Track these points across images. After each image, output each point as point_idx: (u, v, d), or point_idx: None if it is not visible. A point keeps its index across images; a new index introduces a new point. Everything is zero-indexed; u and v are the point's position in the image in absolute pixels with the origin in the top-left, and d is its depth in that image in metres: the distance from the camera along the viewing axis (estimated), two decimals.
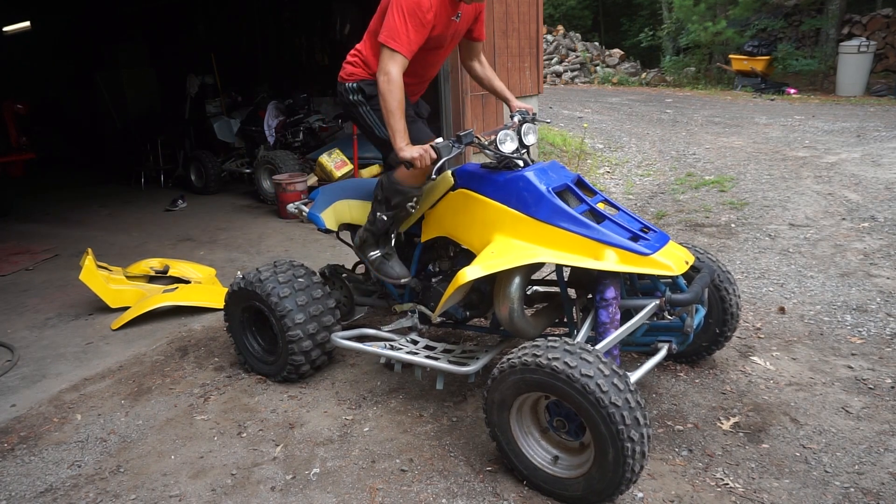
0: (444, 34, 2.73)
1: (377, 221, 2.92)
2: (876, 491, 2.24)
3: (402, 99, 2.53)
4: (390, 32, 2.51)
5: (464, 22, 2.81)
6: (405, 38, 2.50)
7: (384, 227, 2.94)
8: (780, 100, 12.36)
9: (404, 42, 2.50)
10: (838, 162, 6.88)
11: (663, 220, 5.62)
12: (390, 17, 2.52)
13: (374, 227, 2.95)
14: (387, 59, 2.51)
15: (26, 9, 10.71)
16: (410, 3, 2.49)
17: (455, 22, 2.75)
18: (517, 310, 2.53)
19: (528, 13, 7.37)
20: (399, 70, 2.51)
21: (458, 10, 2.72)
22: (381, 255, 3.01)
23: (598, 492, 2.12)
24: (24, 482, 2.55)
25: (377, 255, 3.01)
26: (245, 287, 3.10)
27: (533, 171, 2.56)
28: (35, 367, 3.56)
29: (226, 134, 8.11)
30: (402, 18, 2.49)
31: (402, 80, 2.52)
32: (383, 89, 2.51)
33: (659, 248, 2.40)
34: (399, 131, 2.53)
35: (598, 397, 1.99)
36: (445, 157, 2.50)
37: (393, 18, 2.51)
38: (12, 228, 6.86)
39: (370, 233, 2.99)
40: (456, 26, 2.78)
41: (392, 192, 2.80)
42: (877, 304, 3.70)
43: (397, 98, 2.51)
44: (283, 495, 2.39)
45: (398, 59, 2.51)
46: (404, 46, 2.50)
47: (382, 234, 2.99)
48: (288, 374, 3.12)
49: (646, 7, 21.49)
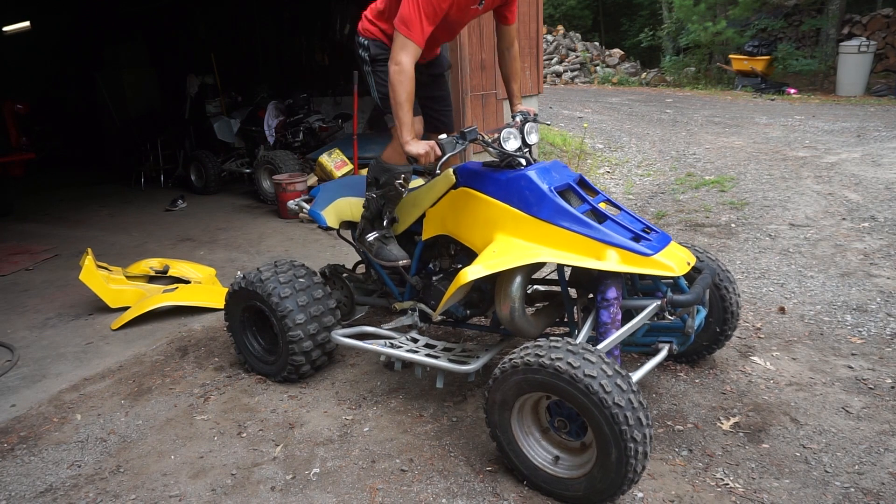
0: (460, 20, 2.73)
1: (370, 203, 2.99)
2: (876, 491, 2.24)
3: (411, 91, 2.51)
4: (404, 19, 2.47)
5: (487, 6, 2.78)
6: (419, 27, 2.47)
7: (377, 208, 2.99)
8: (780, 100, 12.36)
9: (417, 31, 2.47)
10: (838, 162, 6.88)
11: (663, 220, 5.62)
12: (406, 2, 2.48)
13: (368, 211, 3.02)
14: (399, 48, 2.48)
15: (26, 9, 10.71)
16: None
17: (477, 9, 2.73)
18: (518, 309, 2.53)
19: (528, 13, 7.37)
20: (411, 60, 2.49)
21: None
22: (379, 238, 3.02)
23: (599, 492, 2.12)
24: (24, 482, 2.55)
25: (374, 236, 3.03)
26: (246, 287, 3.10)
27: (535, 170, 2.55)
28: (35, 367, 3.56)
29: (226, 134, 8.11)
30: (417, 8, 2.46)
31: (413, 70, 2.50)
32: (394, 80, 2.49)
33: (660, 248, 2.40)
34: (406, 124, 2.52)
35: (601, 398, 1.99)
36: (449, 154, 2.50)
37: (409, 4, 2.47)
38: (12, 228, 6.87)
39: (366, 219, 3.06)
40: (477, 12, 2.77)
41: (379, 170, 2.86)
42: (877, 304, 3.70)
43: (407, 90, 2.49)
44: (283, 495, 2.39)
45: (411, 48, 2.48)
46: (417, 35, 2.48)
47: (377, 217, 3.03)
48: (288, 374, 3.12)
49: (646, 7, 21.48)
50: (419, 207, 2.94)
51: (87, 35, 11.31)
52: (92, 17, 11.07)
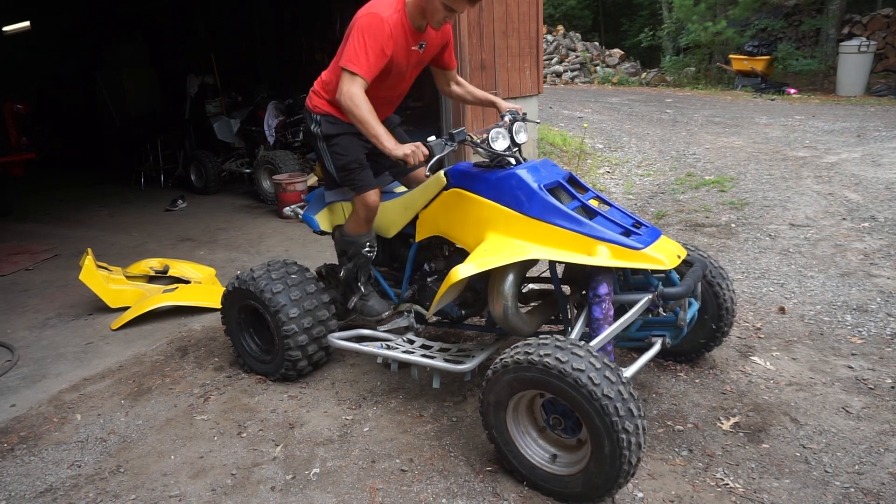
0: (404, 63, 2.80)
1: (345, 272, 3.17)
2: (876, 491, 2.24)
3: (370, 109, 2.58)
4: (349, 56, 2.60)
5: (428, 52, 2.89)
6: (364, 60, 2.58)
7: (353, 276, 3.17)
8: (780, 100, 12.36)
9: (363, 64, 2.58)
10: (838, 162, 6.88)
11: (663, 220, 5.62)
12: (350, 42, 2.61)
13: (347, 277, 3.20)
14: (347, 81, 2.59)
15: (26, 9, 10.71)
16: (370, 28, 2.58)
17: (417, 52, 2.82)
18: (511, 307, 2.54)
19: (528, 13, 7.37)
20: (359, 88, 2.58)
21: (422, 40, 2.79)
22: (360, 299, 3.17)
23: (596, 486, 2.13)
24: (23, 482, 2.55)
25: (355, 300, 3.19)
26: (239, 286, 3.11)
27: (525, 169, 2.57)
28: (35, 367, 3.56)
29: (226, 134, 8.11)
30: (362, 42, 2.58)
31: (363, 94, 2.58)
32: (348, 106, 2.58)
33: (650, 242, 2.41)
34: (381, 135, 2.57)
35: (590, 390, 2.00)
36: (438, 155, 2.53)
37: (352, 43, 2.59)
38: (12, 228, 6.87)
39: (345, 285, 3.26)
40: (419, 56, 2.85)
41: (344, 244, 3.08)
42: (877, 304, 3.70)
43: (365, 109, 2.57)
44: (283, 495, 2.39)
45: (357, 80, 2.59)
46: (363, 68, 2.58)
47: (354, 282, 3.18)
48: (286, 371, 3.12)
49: (646, 7, 21.49)
50: (412, 210, 2.95)
51: (87, 35, 11.31)
52: (92, 17, 11.07)
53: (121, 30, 10.95)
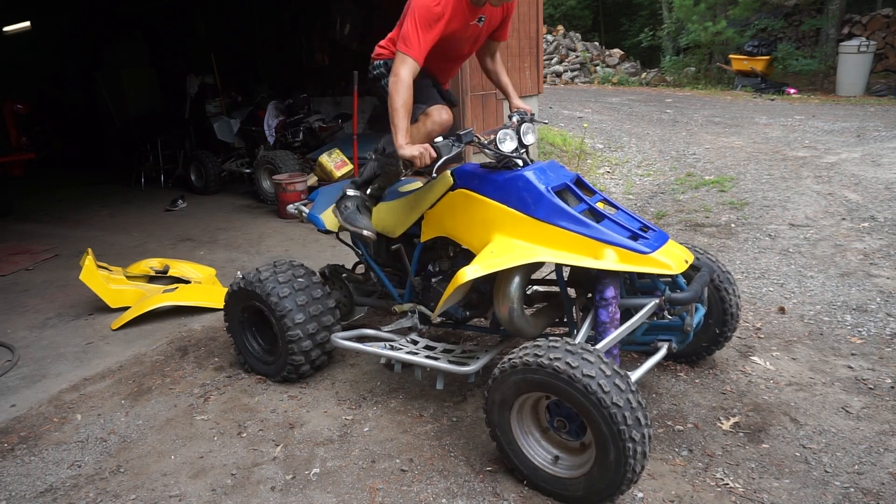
0: (461, 37, 2.86)
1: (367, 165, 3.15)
2: (876, 491, 2.24)
3: (408, 100, 2.64)
4: (404, 37, 2.69)
5: (488, 26, 2.95)
6: (416, 42, 2.66)
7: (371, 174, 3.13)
8: (780, 100, 12.36)
9: (415, 47, 2.66)
10: (838, 162, 6.88)
11: (663, 219, 5.62)
12: (405, 24, 2.70)
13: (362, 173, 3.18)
14: (399, 63, 2.67)
15: (26, 9, 10.71)
16: (422, 11, 2.66)
17: (476, 26, 2.87)
18: (517, 309, 2.53)
19: (528, 13, 7.37)
20: (409, 72, 2.65)
21: (481, 14, 2.84)
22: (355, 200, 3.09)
23: (598, 491, 2.12)
24: (24, 482, 2.55)
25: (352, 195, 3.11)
26: (245, 287, 3.10)
27: (532, 171, 2.56)
28: (35, 367, 3.56)
29: (226, 134, 8.11)
30: (415, 25, 2.65)
31: (411, 82, 2.66)
32: (391, 89, 2.65)
33: (658, 246, 2.40)
34: (401, 129, 2.60)
35: (599, 397, 1.98)
36: (445, 156, 2.52)
37: (407, 25, 2.68)
38: (12, 228, 6.87)
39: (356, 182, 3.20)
40: (478, 30, 2.91)
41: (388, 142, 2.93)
42: (877, 304, 3.70)
43: (403, 98, 2.62)
44: (283, 495, 2.39)
45: (409, 62, 2.65)
46: (415, 50, 2.66)
47: (366, 181, 3.16)
48: (288, 374, 3.12)
49: (646, 7, 21.48)
50: (417, 210, 2.94)
51: (87, 35, 11.31)
52: (92, 17, 11.07)
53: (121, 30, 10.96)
